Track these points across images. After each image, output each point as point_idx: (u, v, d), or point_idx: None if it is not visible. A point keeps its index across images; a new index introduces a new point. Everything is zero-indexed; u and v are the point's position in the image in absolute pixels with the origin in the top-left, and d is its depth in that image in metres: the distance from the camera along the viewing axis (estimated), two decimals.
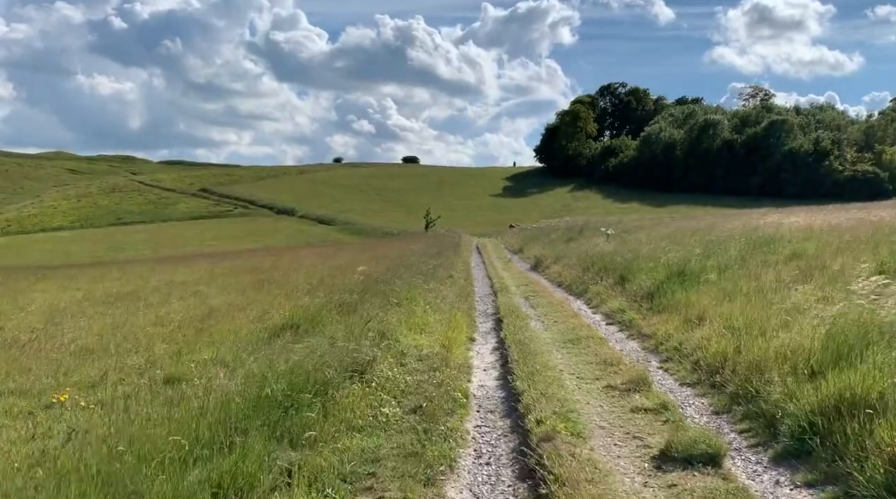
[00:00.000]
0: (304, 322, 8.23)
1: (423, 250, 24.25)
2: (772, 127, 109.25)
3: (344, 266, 18.16)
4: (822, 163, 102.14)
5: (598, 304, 12.35)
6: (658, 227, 24.13)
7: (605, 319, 10.95)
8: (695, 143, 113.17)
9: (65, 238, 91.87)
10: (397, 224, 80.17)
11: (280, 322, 8.50)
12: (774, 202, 70.30)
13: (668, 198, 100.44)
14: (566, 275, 16.87)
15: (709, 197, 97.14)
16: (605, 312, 11.35)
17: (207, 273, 19.49)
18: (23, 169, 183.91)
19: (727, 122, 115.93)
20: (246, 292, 13.48)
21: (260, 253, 33.70)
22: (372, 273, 13.70)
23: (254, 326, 8.98)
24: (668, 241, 16.28)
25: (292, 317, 8.36)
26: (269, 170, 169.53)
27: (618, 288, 12.57)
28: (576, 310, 11.75)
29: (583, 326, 9.88)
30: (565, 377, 6.82)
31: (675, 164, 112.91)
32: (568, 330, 9.49)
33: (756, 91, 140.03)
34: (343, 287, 11.55)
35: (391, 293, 10.31)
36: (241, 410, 4.60)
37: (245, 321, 9.58)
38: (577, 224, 34.65)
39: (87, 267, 29.71)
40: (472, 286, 15.96)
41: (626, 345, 8.85)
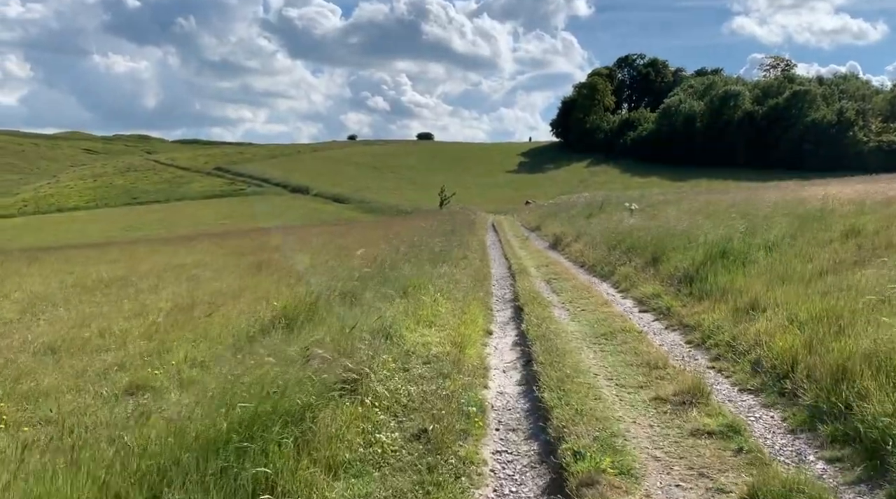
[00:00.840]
0: (299, 314, 7.15)
1: (436, 229, 23.09)
2: (794, 98, 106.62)
3: (352, 246, 17.07)
4: (846, 134, 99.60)
5: (627, 287, 11.17)
6: (685, 201, 22.79)
7: (638, 305, 9.78)
8: (715, 115, 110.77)
9: (80, 218, 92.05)
10: (411, 202, 79.35)
11: (273, 314, 7.41)
12: (798, 175, 68.41)
13: (688, 171, 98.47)
14: (589, 254, 15.67)
15: (730, 170, 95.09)
16: (636, 298, 10.17)
17: (210, 254, 18.51)
18: (39, 149, 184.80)
19: (748, 94, 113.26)
20: (244, 276, 12.46)
21: (270, 232, 32.72)
22: (378, 256, 12.60)
23: (244, 319, 7.92)
24: (701, 216, 15.01)
25: (285, 309, 7.28)
26: (282, 148, 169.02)
27: (649, 270, 11.38)
28: (604, 295, 10.57)
29: (615, 315, 8.70)
30: (602, 385, 5.67)
31: (694, 136, 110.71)
32: (598, 321, 8.33)
33: (777, 62, 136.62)
34: (347, 272, 10.47)
35: (397, 280, 9.20)
36: (170, 455, 3.48)
37: (238, 311, 8.55)
38: (596, 199, 33.26)
39: (92, 248, 28.90)
40: (489, 268, 14.81)
41: (667, 338, 7.69)
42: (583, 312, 9.01)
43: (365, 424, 4.54)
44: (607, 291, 11.35)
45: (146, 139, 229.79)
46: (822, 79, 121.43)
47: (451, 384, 5.47)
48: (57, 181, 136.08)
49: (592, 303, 9.68)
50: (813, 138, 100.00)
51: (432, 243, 16.90)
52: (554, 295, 10.73)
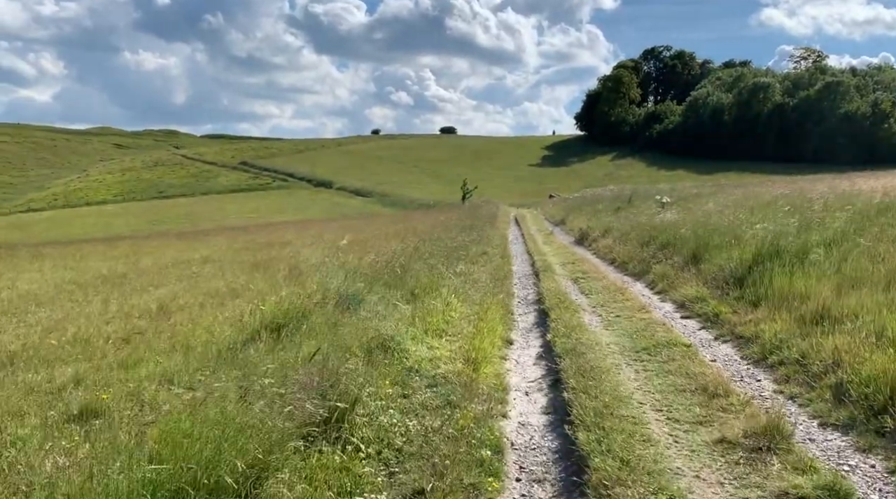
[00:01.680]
0: (290, 321, 6.16)
1: (456, 223, 22.06)
2: (826, 89, 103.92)
3: (368, 241, 16.11)
4: (882, 126, 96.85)
5: (665, 288, 10.02)
6: (720, 194, 21.45)
7: (679, 310, 8.63)
8: (744, 107, 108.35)
9: (108, 211, 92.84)
10: (434, 195, 78.73)
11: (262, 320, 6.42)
12: (831, 168, 66.15)
13: (716, 165, 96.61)
14: (619, 251, 14.50)
15: (759, 163, 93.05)
16: (677, 301, 9.02)
17: (221, 249, 17.68)
18: (70, 144, 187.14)
19: (778, 86, 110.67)
20: (249, 273, 11.54)
21: (289, 226, 31.97)
22: (391, 252, 11.60)
23: (230, 325, 6.96)
24: (743, 210, 13.76)
25: (274, 316, 6.27)
26: (307, 143, 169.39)
27: (690, 269, 10.21)
28: (640, 298, 9.41)
29: (655, 323, 7.55)
30: (650, 419, 4.55)
31: (723, 129, 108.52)
32: (637, 330, 7.21)
33: (808, 53, 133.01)
34: (353, 271, 9.48)
35: (407, 281, 8.18)
36: None
37: (227, 315, 7.60)
38: (624, 193, 31.91)
39: (107, 242, 28.32)
40: (510, 265, 13.71)
41: (719, 351, 6.55)
42: (617, 319, 7.89)
43: (343, 479, 3.49)
44: (642, 293, 10.21)
45: (174, 134, 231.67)
46: (856, 70, 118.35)
47: (461, 417, 4.38)
48: (87, 175, 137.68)
49: (627, 307, 8.54)
50: (846, 131, 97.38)
51: (450, 239, 15.87)
52: (583, 297, 9.62)
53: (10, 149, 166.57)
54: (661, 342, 6.45)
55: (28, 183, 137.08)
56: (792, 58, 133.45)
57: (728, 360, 6.23)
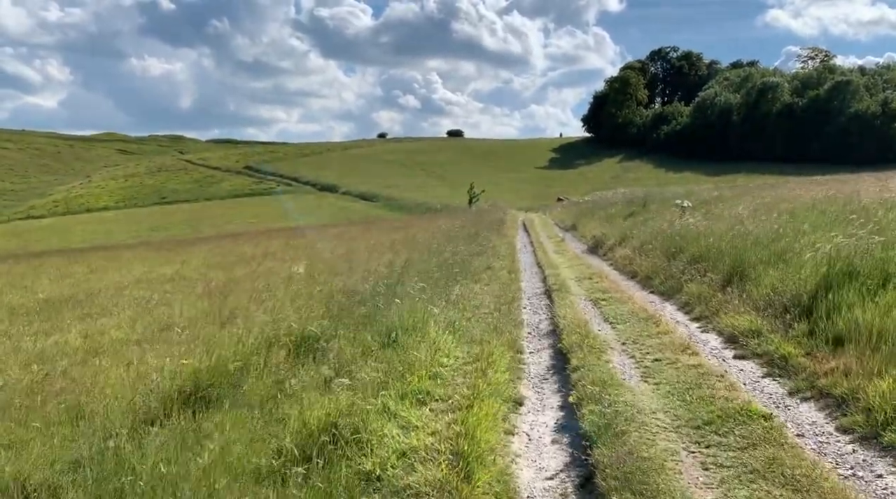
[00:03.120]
0: (217, 385, 4.49)
1: (459, 230, 20.34)
2: (836, 89, 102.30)
3: (356, 254, 14.45)
4: (892, 125, 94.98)
5: (704, 314, 8.29)
6: (746, 197, 19.65)
7: (729, 346, 6.89)
8: (752, 107, 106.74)
9: (108, 218, 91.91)
10: (440, 199, 77.48)
11: (182, 382, 4.72)
12: (843, 168, 64.16)
13: (725, 166, 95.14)
14: (641, 263, 12.77)
15: (768, 164, 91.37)
16: (724, 333, 7.28)
17: (195, 265, 16.02)
18: (74, 150, 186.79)
19: (787, 85, 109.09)
20: (207, 299, 9.86)
21: (283, 234, 30.30)
22: (380, 268, 9.92)
23: (141, 387, 5.27)
24: (784, 215, 11.98)
25: (197, 378, 4.57)
26: (313, 147, 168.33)
27: (732, 290, 8.47)
28: (679, 330, 7.62)
29: (709, 372, 5.71)
30: None
31: (731, 130, 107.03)
32: (688, 385, 5.40)
33: (815, 53, 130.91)
34: (329, 296, 7.79)
35: (387, 315, 6.45)
36: None
37: (149, 366, 5.92)
38: (637, 196, 30.14)
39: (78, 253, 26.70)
40: (519, 282, 11.98)
41: (801, 417, 4.81)
42: (657, 364, 6.14)
43: None
44: (675, 318, 8.48)
45: (180, 139, 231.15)
46: (865, 69, 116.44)
47: None
48: (89, 181, 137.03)
49: (666, 344, 6.80)
50: (856, 130, 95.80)
51: (451, 250, 14.18)
52: (607, 327, 7.89)
53: (12, 155, 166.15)
54: (727, 412, 4.65)
55: (30, 190, 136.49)
56: (799, 58, 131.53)
57: (821, 436, 4.48)
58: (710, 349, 6.88)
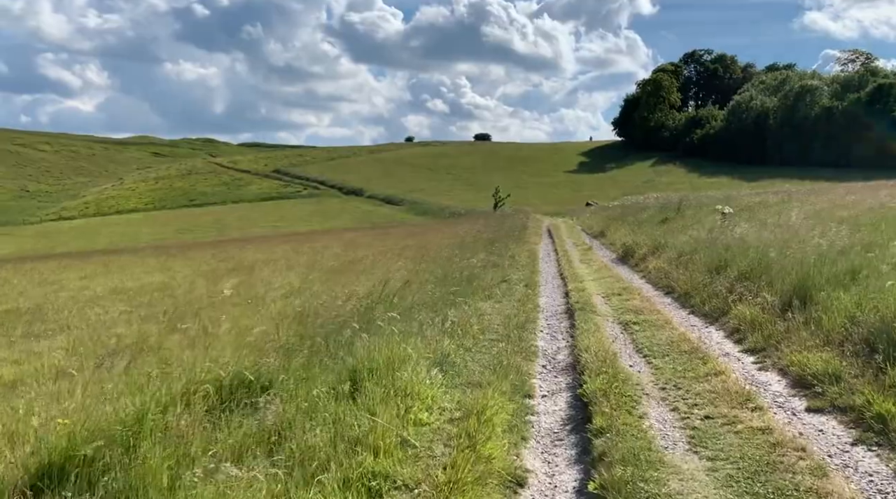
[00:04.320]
0: (82, 467, 3.14)
1: (478, 236, 18.94)
2: (878, 92, 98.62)
3: (360, 263, 13.12)
4: None
5: (760, 345, 6.76)
6: (791, 203, 17.94)
7: (800, 393, 5.35)
8: (790, 111, 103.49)
9: (136, 220, 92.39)
10: (466, 203, 76.39)
11: (40, 459, 3.36)
12: (883, 174, 61.15)
13: (761, 171, 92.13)
14: (678, 277, 11.22)
15: (806, 169, 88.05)
16: (790, 375, 5.74)
17: (187, 273, 14.85)
18: (108, 153, 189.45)
19: (826, 89, 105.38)
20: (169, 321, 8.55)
21: (297, 239, 29.18)
22: (383, 281, 8.54)
23: None
24: (844, 226, 10.35)
25: (65, 450, 3.19)
26: (340, 150, 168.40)
27: (794, 315, 6.92)
28: (731, 368, 6.09)
29: (786, 443, 4.07)
30: None
31: (767, 134, 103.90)
32: (756, 463, 3.82)
33: (855, 55, 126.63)
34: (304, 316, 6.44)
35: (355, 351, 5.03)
36: None
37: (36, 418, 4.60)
38: (671, 201, 28.41)
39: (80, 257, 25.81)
40: (536, 298, 10.50)
41: None
42: (710, 425, 4.59)
43: None
44: (725, 349, 6.96)
45: (211, 143, 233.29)
46: None
47: None
48: (121, 183, 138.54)
49: (719, 392, 5.27)
50: None
51: (466, 259, 12.78)
52: (641, 361, 6.41)
53: (48, 158, 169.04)
54: None
55: (63, 191, 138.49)
56: (839, 61, 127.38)
57: None
58: (773, 396, 5.35)
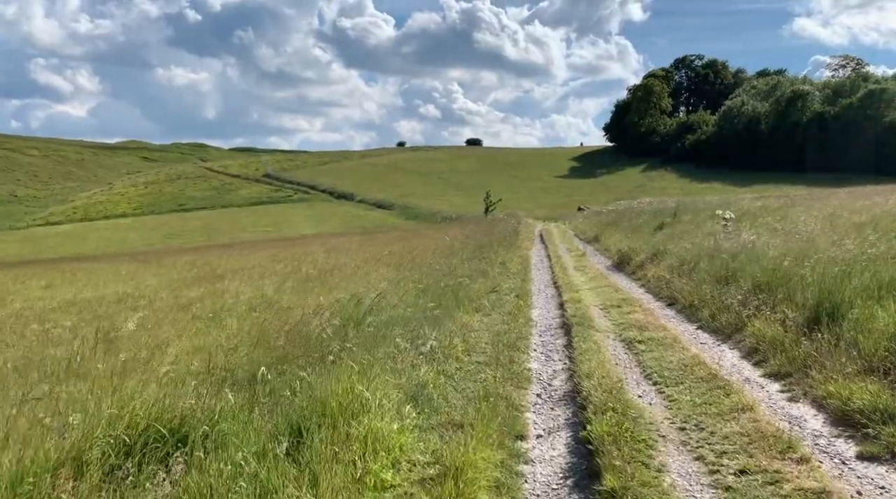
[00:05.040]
0: None
1: (468, 242, 18.03)
2: (869, 97, 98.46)
3: (338, 271, 12.18)
4: None
5: (784, 369, 5.87)
6: (795, 207, 17.13)
7: (843, 432, 4.46)
8: (781, 116, 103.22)
9: (124, 225, 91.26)
10: (457, 208, 75.85)
11: None
12: (874, 180, 60.71)
13: (752, 176, 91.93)
14: (681, 287, 10.34)
15: (798, 175, 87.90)
16: (825, 406, 4.85)
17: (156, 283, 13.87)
18: (98, 158, 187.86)
19: (818, 94, 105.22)
20: (101, 346, 7.61)
21: (283, 244, 28.18)
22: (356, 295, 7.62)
23: None
24: (867, 230, 9.51)
25: None
26: (331, 155, 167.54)
27: (823, 334, 6.03)
28: (757, 400, 5.16)
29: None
30: None
31: (759, 140, 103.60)
32: None
33: (846, 61, 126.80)
34: (252, 344, 5.51)
35: (298, 397, 4.05)
36: None
37: None
38: (667, 206, 27.64)
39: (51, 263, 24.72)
40: (529, 310, 9.58)
41: None
42: (747, 485, 3.65)
43: None
44: (745, 374, 6.07)
45: (202, 147, 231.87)
46: None
47: None
48: (110, 188, 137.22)
49: (750, 434, 4.33)
50: (892, 141, 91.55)
51: (454, 266, 11.87)
52: (651, 391, 5.50)
53: (37, 162, 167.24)
54: None
55: (52, 196, 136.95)
56: (829, 66, 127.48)
57: None
58: (813, 437, 4.45)
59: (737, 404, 4.89)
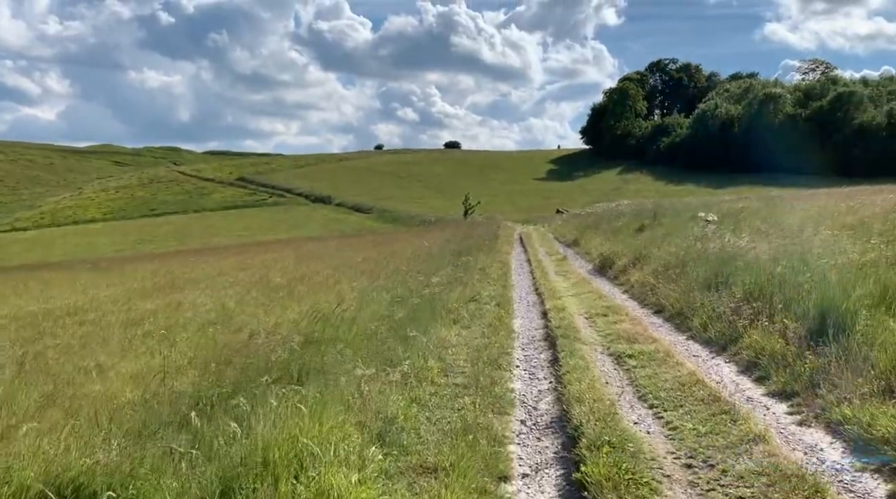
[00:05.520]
0: None
1: (445, 246, 17.45)
2: (839, 100, 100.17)
3: (316, 277, 11.52)
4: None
5: (789, 387, 5.36)
6: (777, 208, 16.79)
7: (867, 464, 3.98)
8: (754, 119, 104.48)
9: (94, 231, 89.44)
10: (436, 211, 75.35)
11: None
12: (846, 181, 61.45)
13: (727, 178, 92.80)
14: (667, 293, 9.85)
15: (771, 176, 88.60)
16: (843, 433, 4.33)
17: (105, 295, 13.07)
18: (67, 162, 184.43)
19: (789, 97, 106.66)
20: None
21: (255, 249, 27.36)
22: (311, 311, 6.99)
23: None
24: (864, 233, 9.08)
25: None
26: (307, 158, 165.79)
27: (830, 347, 5.55)
28: (770, 429, 4.63)
29: None
30: None
31: (732, 142, 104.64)
32: None
33: (815, 65, 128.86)
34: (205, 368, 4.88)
35: (237, 446, 3.42)
36: None
37: None
38: (645, 208, 27.30)
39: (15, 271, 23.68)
40: (510, 320, 9.00)
41: None
42: None
43: None
44: (746, 393, 5.55)
45: (175, 151, 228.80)
46: (868, 80, 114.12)
47: None
48: (80, 193, 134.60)
49: (767, 470, 3.75)
50: (861, 142, 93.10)
51: (431, 273, 11.27)
52: (649, 416, 4.95)
53: (4, 167, 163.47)
54: None
55: (19, 202, 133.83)
56: (800, 69, 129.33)
57: None
58: (833, 472, 3.92)
59: (747, 433, 4.34)
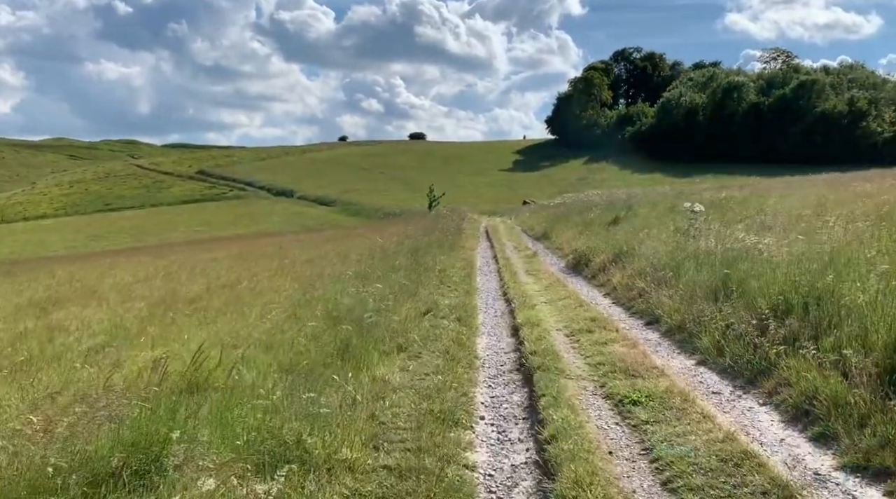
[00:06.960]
0: None
1: (404, 243, 15.64)
2: (801, 88, 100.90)
3: (248, 285, 9.62)
4: (859, 124, 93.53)
5: (871, 455, 3.74)
6: (771, 198, 15.33)
7: None
8: (718, 107, 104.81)
9: (45, 227, 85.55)
10: (401, 203, 73.64)
11: None
12: (809, 169, 61.34)
13: (692, 167, 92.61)
14: (662, 300, 8.20)
15: (736, 165, 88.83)
16: None
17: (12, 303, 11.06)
18: (20, 156, 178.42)
19: (752, 85, 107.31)
20: None
21: (198, 247, 25.21)
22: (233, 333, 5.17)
23: None
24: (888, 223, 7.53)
25: None
26: (270, 151, 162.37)
27: (881, 380, 3.91)
28: None
29: None
30: None
31: (697, 130, 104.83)
32: None
33: (777, 53, 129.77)
34: None
35: None
36: None
37: None
38: (618, 198, 25.89)
39: None
40: (473, 345, 7.16)
41: None
42: None
43: None
44: (813, 468, 3.91)
45: (134, 144, 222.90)
46: (829, 68, 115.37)
47: None
48: (32, 188, 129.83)
49: None
50: (823, 130, 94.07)
51: (381, 277, 9.47)
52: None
53: None
54: None
55: None
56: (761, 58, 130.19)
57: None
58: None
59: None
